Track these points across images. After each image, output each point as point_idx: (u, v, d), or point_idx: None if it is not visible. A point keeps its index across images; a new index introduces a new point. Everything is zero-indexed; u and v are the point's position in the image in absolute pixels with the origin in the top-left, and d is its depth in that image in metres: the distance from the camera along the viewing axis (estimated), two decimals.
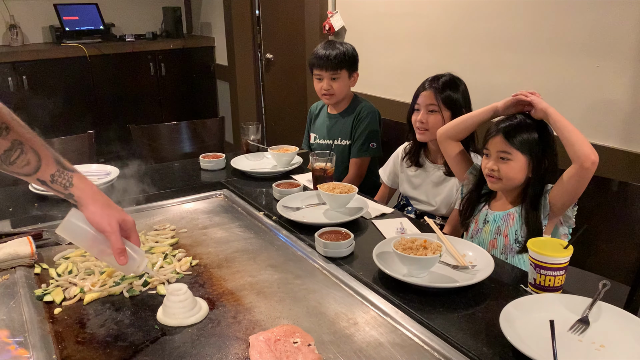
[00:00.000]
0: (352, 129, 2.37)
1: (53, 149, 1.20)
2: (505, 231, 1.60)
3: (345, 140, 2.39)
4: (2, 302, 1.26)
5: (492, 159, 1.58)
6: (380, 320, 1.19)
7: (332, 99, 2.36)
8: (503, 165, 1.56)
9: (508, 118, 1.59)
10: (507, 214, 1.61)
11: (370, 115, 2.34)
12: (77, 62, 4.24)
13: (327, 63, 2.28)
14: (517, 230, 1.58)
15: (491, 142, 1.58)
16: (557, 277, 1.22)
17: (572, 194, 1.52)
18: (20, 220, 1.70)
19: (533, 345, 1.01)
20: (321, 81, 2.33)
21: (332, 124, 2.44)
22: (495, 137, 1.57)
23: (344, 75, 2.31)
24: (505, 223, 1.61)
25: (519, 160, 1.55)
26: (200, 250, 1.55)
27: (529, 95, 1.55)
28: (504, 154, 1.55)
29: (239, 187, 2.01)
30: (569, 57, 2.10)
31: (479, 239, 1.67)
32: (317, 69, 2.33)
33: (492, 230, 1.63)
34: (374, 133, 2.34)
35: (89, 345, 1.11)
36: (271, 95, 4.70)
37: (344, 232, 1.50)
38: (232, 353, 1.08)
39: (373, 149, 2.34)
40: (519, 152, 1.54)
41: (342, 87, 2.33)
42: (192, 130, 2.94)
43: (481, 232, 1.66)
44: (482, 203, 1.70)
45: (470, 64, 2.48)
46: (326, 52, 2.29)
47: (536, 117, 1.54)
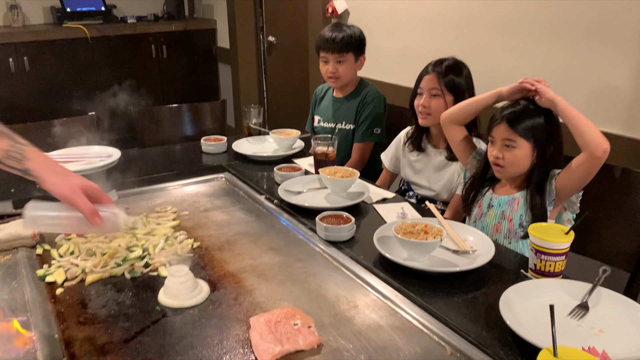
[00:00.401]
0: (357, 114, 2.35)
1: (2, 125, 1.16)
2: (509, 215, 1.60)
3: (349, 125, 2.38)
4: (5, 283, 1.26)
5: (497, 147, 1.57)
6: (380, 304, 1.20)
7: (337, 82, 2.34)
8: (508, 153, 1.55)
9: (512, 104, 1.58)
10: (512, 199, 1.61)
11: (375, 100, 2.32)
12: (78, 44, 4.21)
13: (333, 46, 2.26)
14: (522, 215, 1.58)
15: (495, 130, 1.57)
16: (557, 263, 1.22)
17: (580, 182, 1.52)
18: (22, 201, 1.69)
19: (532, 330, 1.02)
20: (327, 64, 2.31)
21: (337, 108, 2.42)
22: (500, 125, 1.56)
23: (350, 58, 2.29)
24: (510, 207, 1.60)
25: (524, 148, 1.54)
26: (201, 233, 1.55)
27: (535, 84, 1.53)
28: (509, 142, 1.54)
29: (241, 170, 2.00)
30: (573, 42, 2.08)
31: (482, 223, 1.66)
32: (323, 52, 2.30)
33: (497, 214, 1.63)
34: (378, 118, 2.32)
35: (90, 325, 1.12)
36: (273, 79, 4.67)
37: (345, 216, 1.50)
38: (233, 334, 1.09)
39: (377, 134, 2.32)
40: (523, 140, 1.53)
41: (348, 70, 2.30)
42: (193, 113, 2.93)
43: (485, 216, 1.66)
44: (485, 187, 1.70)
45: (474, 48, 2.46)
46: (333, 35, 2.26)
47: (542, 105, 1.53)
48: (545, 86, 1.52)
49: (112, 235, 1.49)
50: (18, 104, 3.99)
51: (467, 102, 1.73)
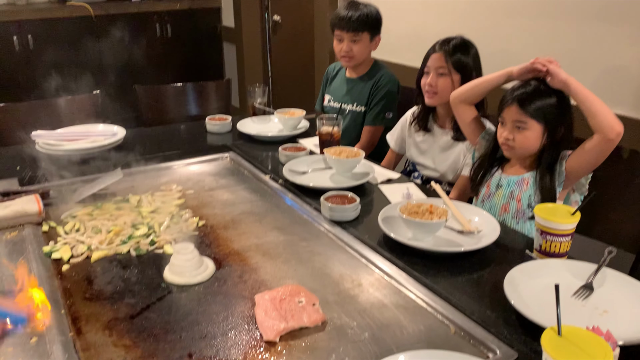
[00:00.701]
0: (369, 96, 2.30)
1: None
2: (518, 196, 1.59)
3: (360, 107, 2.33)
4: (11, 259, 1.27)
5: (508, 128, 1.56)
6: (385, 282, 1.20)
7: (351, 61, 2.28)
8: (518, 135, 1.54)
9: (522, 85, 1.56)
10: (521, 179, 1.60)
11: (389, 84, 2.27)
12: (82, 22, 4.18)
13: (348, 24, 2.20)
14: (531, 196, 1.57)
15: (506, 111, 1.55)
16: (563, 243, 1.22)
17: (591, 164, 1.51)
18: (28, 179, 1.70)
19: (536, 309, 1.02)
20: (341, 42, 2.26)
21: (350, 88, 2.37)
22: (511, 106, 1.54)
23: (365, 37, 2.24)
24: (519, 188, 1.60)
25: (535, 129, 1.52)
26: (206, 212, 1.55)
27: (547, 64, 1.51)
28: (520, 123, 1.52)
29: (245, 150, 2.00)
30: (582, 22, 2.05)
31: (490, 203, 1.66)
32: (337, 30, 2.25)
33: (505, 194, 1.62)
34: (391, 102, 2.28)
35: (96, 301, 1.13)
36: (278, 58, 4.64)
37: (350, 196, 1.50)
38: (238, 311, 1.10)
39: (388, 119, 2.28)
40: (534, 121, 1.51)
41: (362, 50, 2.25)
42: (198, 92, 2.91)
43: (493, 196, 1.65)
44: (494, 168, 1.69)
45: (483, 28, 2.43)
46: (348, 13, 2.21)
47: (554, 86, 1.51)
48: (557, 67, 1.50)
49: (117, 212, 1.50)
50: (22, 82, 3.97)
51: (477, 81, 1.71)
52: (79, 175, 1.74)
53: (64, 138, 1.96)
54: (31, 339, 0.99)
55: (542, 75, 1.53)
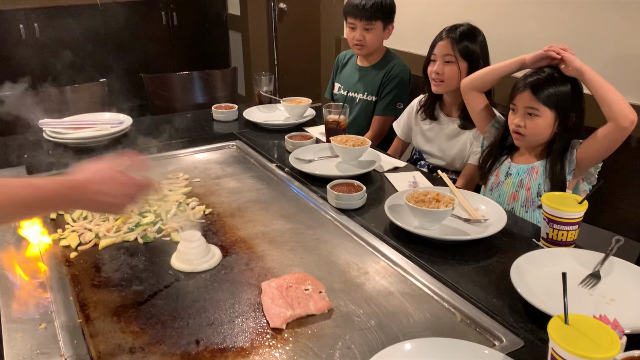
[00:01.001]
0: (380, 86, 2.28)
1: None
2: (528, 184, 1.58)
3: (371, 96, 2.32)
4: (19, 247, 1.28)
5: (519, 115, 1.54)
6: (391, 271, 1.20)
7: (363, 50, 2.27)
8: (530, 122, 1.52)
9: (536, 72, 1.54)
10: (531, 167, 1.59)
11: (401, 74, 2.26)
12: (88, 10, 4.18)
13: (362, 12, 2.18)
14: (541, 184, 1.56)
15: (518, 98, 1.54)
16: (570, 232, 1.22)
17: (602, 153, 1.50)
18: (35, 167, 1.71)
19: (543, 298, 1.02)
20: (354, 30, 2.24)
21: (361, 77, 2.35)
22: (523, 93, 1.52)
23: (378, 26, 2.22)
24: (528, 176, 1.59)
25: (546, 116, 1.51)
26: (213, 200, 1.56)
27: (561, 52, 1.49)
28: (532, 110, 1.51)
29: (252, 138, 2.00)
30: (593, 8, 2.02)
31: (498, 191, 1.65)
32: (350, 17, 2.23)
33: (515, 182, 1.61)
34: (402, 93, 2.27)
35: (104, 288, 1.14)
36: (284, 46, 4.62)
37: (356, 184, 1.50)
38: (245, 298, 1.10)
39: (399, 109, 2.26)
40: (546, 108, 1.50)
41: (375, 38, 2.24)
42: (204, 80, 2.91)
43: (502, 184, 1.64)
44: (503, 156, 1.68)
45: (492, 14, 2.40)
46: (362, 1, 2.19)
47: (568, 74, 1.49)
48: (571, 54, 1.48)
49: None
50: (29, 70, 3.98)
51: (489, 68, 1.70)
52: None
53: (71, 126, 1.96)
54: (40, 325, 1.00)
55: (555, 62, 1.52)
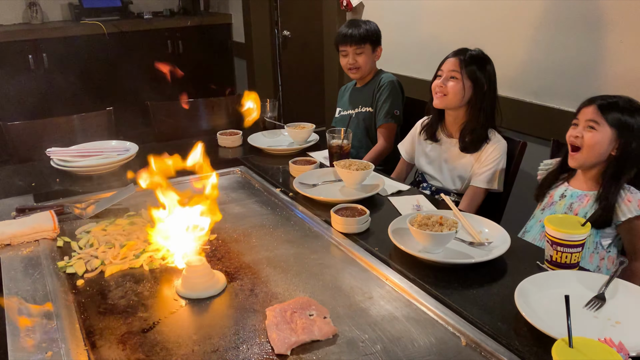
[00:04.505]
0: (374, 98, 2.42)
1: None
2: (576, 210, 1.59)
3: (366, 108, 2.44)
4: (27, 274, 1.29)
5: (579, 128, 1.56)
6: (395, 295, 1.20)
7: (358, 72, 2.43)
8: (588, 134, 1.53)
9: (608, 95, 1.56)
10: (583, 195, 1.60)
11: (390, 83, 2.39)
12: (95, 40, 4.25)
13: (351, 39, 2.37)
14: (587, 213, 1.57)
15: (583, 112, 1.56)
16: (574, 254, 1.22)
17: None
18: (43, 195, 1.73)
19: (548, 321, 1.02)
20: (346, 57, 2.42)
21: (356, 96, 2.51)
22: (589, 107, 1.55)
23: (367, 49, 2.39)
24: (579, 202, 1.60)
25: (605, 133, 1.51)
26: (218, 225, 1.56)
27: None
28: (592, 123, 1.52)
29: (256, 163, 2.02)
30: (592, 32, 2.05)
31: (550, 210, 1.67)
32: (342, 45, 2.42)
33: (566, 204, 1.62)
34: (396, 99, 2.39)
35: (110, 315, 1.14)
36: (288, 73, 4.67)
37: (360, 208, 1.51)
38: (250, 324, 1.10)
39: (397, 115, 2.38)
40: (607, 125, 1.51)
41: (366, 60, 2.40)
42: (209, 107, 2.95)
43: (555, 204, 1.66)
44: (561, 180, 1.69)
45: (490, 39, 2.44)
46: (350, 30, 2.39)
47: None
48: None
49: (130, 227, 1.52)
50: (37, 99, 4.04)
51: None
52: (92, 191, 1.77)
53: (78, 154, 1.99)
54: (47, 353, 1.01)
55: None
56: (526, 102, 2.31)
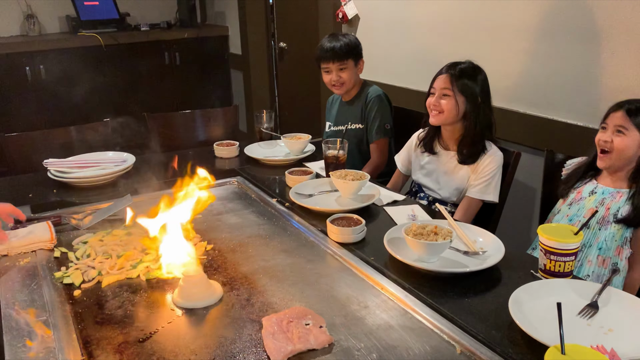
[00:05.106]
0: (362, 114, 2.42)
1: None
2: (609, 204, 1.63)
3: (355, 124, 2.45)
4: (24, 284, 1.30)
5: (608, 132, 1.60)
6: (391, 304, 1.21)
7: (342, 88, 2.42)
8: (617, 138, 1.58)
9: (636, 100, 1.60)
10: (617, 192, 1.64)
11: (377, 99, 2.39)
12: (92, 52, 4.28)
13: (333, 55, 2.35)
14: (620, 208, 1.60)
15: (611, 117, 1.61)
16: (567, 263, 1.23)
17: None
18: (40, 206, 1.74)
19: (541, 329, 1.03)
20: (330, 73, 2.40)
21: (344, 111, 2.50)
22: (617, 112, 1.59)
23: (350, 64, 2.38)
24: (612, 197, 1.63)
25: (634, 137, 1.56)
26: (214, 236, 1.58)
27: None
28: (621, 128, 1.57)
29: (253, 174, 2.03)
30: (584, 44, 2.08)
31: (578, 205, 1.69)
32: (324, 62, 2.39)
33: (597, 199, 1.65)
34: (385, 113, 2.40)
35: (107, 325, 1.15)
36: (285, 84, 4.71)
37: (356, 218, 1.52)
38: (246, 334, 1.11)
39: (388, 129, 2.40)
40: (635, 130, 1.56)
41: (350, 75, 2.39)
42: (206, 118, 2.96)
43: (584, 200, 1.68)
44: (588, 178, 1.72)
45: (484, 50, 2.47)
46: (331, 45, 2.36)
47: None
48: None
49: (127, 238, 1.52)
50: (34, 111, 4.06)
51: None
52: (89, 202, 1.78)
53: (75, 165, 2.00)
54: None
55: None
56: (520, 113, 2.33)
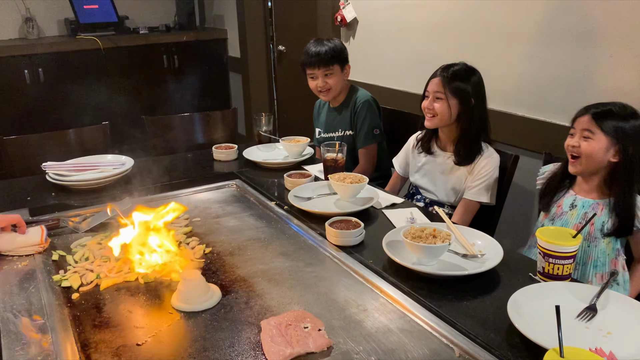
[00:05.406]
0: (352, 120, 2.41)
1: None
2: (593, 220, 1.61)
3: (346, 131, 2.43)
4: (22, 288, 1.29)
5: (576, 137, 1.60)
6: (390, 307, 1.21)
7: (329, 94, 2.38)
8: (584, 143, 1.57)
9: (602, 103, 1.59)
10: (596, 203, 1.62)
11: (365, 104, 2.37)
12: (91, 55, 4.28)
13: (319, 61, 2.31)
14: (605, 222, 1.59)
15: (578, 121, 1.60)
16: (565, 266, 1.23)
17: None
18: (38, 209, 1.74)
19: (540, 332, 1.02)
20: (315, 79, 2.36)
21: (333, 118, 2.48)
22: (583, 117, 1.58)
23: (336, 69, 2.34)
24: (593, 211, 1.61)
25: (601, 141, 1.54)
26: (213, 239, 1.58)
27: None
28: (588, 133, 1.56)
29: (251, 177, 2.03)
30: (581, 46, 2.08)
31: (561, 221, 1.67)
32: (309, 68, 2.36)
33: (579, 214, 1.64)
34: (374, 119, 2.38)
35: (105, 329, 1.15)
36: (283, 87, 4.71)
37: (355, 221, 1.52)
38: (244, 337, 1.11)
39: (377, 134, 2.38)
40: (602, 134, 1.54)
41: (337, 81, 2.36)
42: (205, 121, 2.96)
43: (566, 215, 1.67)
44: (564, 188, 1.71)
45: (482, 54, 2.47)
46: (317, 50, 2.32)
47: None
48: None
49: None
50: (33, 114, 4.06)
51: None
52: (88, 205, 1.78)
53: (74, 168, 1.99)
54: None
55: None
56: (518, 116, 2.34)
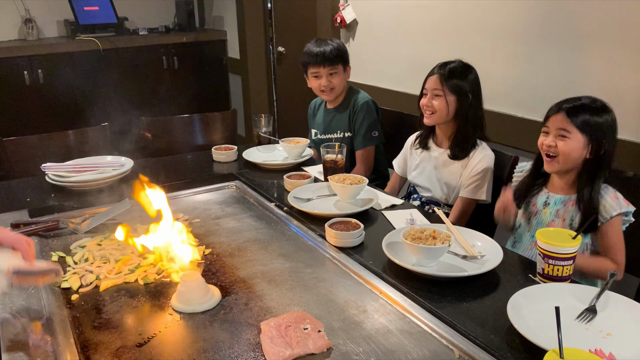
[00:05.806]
0: (350, 122, 2.40)
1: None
2: (563, 215, 1.60)
3: (344, 133, 2.43)
4: (21, 288, 1.29)
5: (551, 136, 1.56)
6: (389, 308, 1.21)
7: (332, 93, 2.38)
8: (561, 142, 1.54)
9: (572, 99, 1.57)
10: (567, 199, 1.61)
11: (365, 105, 2.36)
12: (91, 56, 4.28)
13: (324, 59, 2.30)
14: (573, 216, 1.58)
15: (552, 120, 1.57)
16: (565, 267, 1.23)
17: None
18: (38, 210, 1.73)
19: (540, 333, 1.03)
20: (319, 78, 2.35)
21: (330, 119, 2.47)
22: (557, 115, 1.55)
23: (340, 69, 2.35)
24: (564, 207, 1.61)
25: (578, 140, 1.52)
26: (213, 240, 1.58)
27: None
28: (564, 132, 1.53)
29: (251, 178, 2.03)
30: (581, 48, 2.09)
31: (537, 220, 1.67)
32: (313, 67, 2.34)
33: (552, 212, 1.63)
34: (373, 122, 2.37)
35: (105, 330, 1.15)
36: (283, 88, 4.72)
37: (354, 222, 1.52)
38: (244, 338, 1.11)
39: (375, 137, 2.38)
40: (578, 132, 1.52)
41: (340, 81, 2.36)
42: (204, 122, 2.97)
43: (540, 213, 1.66)
44: (538, 186, 1.69)
45: (481, 55, 2.48)
46: (321, 49, 2.31)
47: None
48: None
49: (124, 242, 1.52)
50: (33, 115, 4.06)
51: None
52: (87, 206, 1.78)
53: (73, 169, 1.99)
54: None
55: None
56: (516, 117, 2.34)
